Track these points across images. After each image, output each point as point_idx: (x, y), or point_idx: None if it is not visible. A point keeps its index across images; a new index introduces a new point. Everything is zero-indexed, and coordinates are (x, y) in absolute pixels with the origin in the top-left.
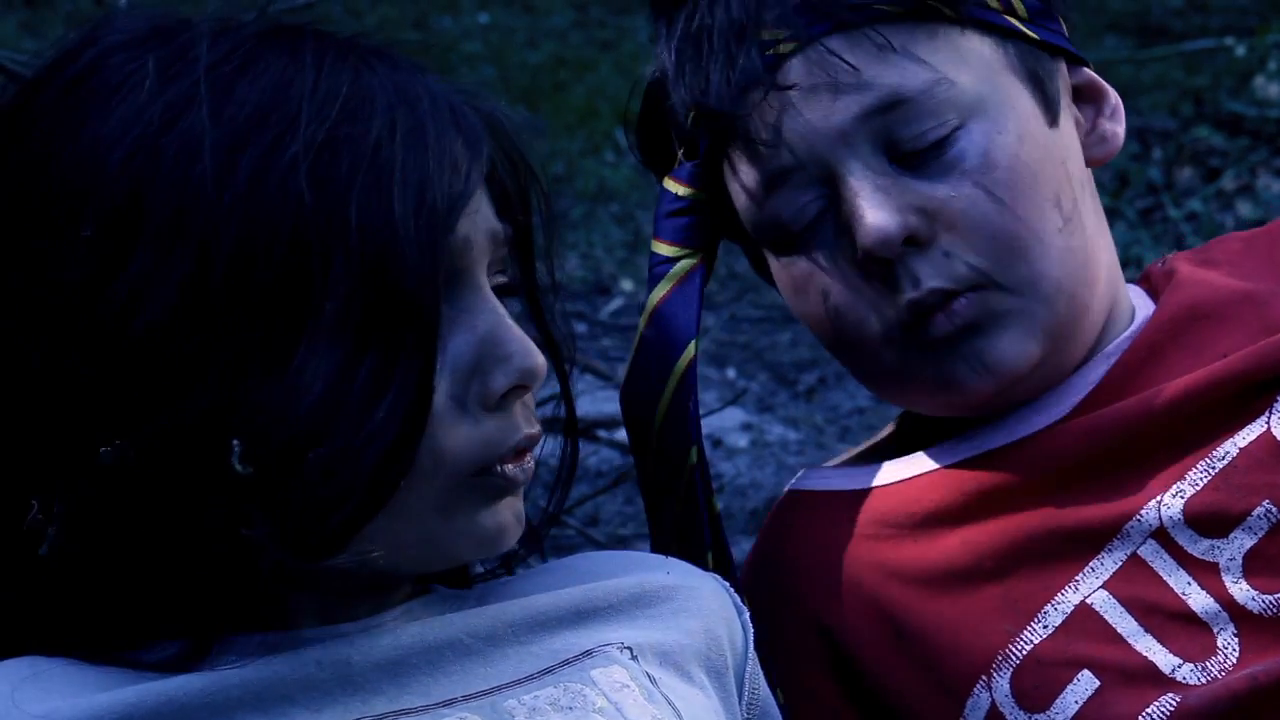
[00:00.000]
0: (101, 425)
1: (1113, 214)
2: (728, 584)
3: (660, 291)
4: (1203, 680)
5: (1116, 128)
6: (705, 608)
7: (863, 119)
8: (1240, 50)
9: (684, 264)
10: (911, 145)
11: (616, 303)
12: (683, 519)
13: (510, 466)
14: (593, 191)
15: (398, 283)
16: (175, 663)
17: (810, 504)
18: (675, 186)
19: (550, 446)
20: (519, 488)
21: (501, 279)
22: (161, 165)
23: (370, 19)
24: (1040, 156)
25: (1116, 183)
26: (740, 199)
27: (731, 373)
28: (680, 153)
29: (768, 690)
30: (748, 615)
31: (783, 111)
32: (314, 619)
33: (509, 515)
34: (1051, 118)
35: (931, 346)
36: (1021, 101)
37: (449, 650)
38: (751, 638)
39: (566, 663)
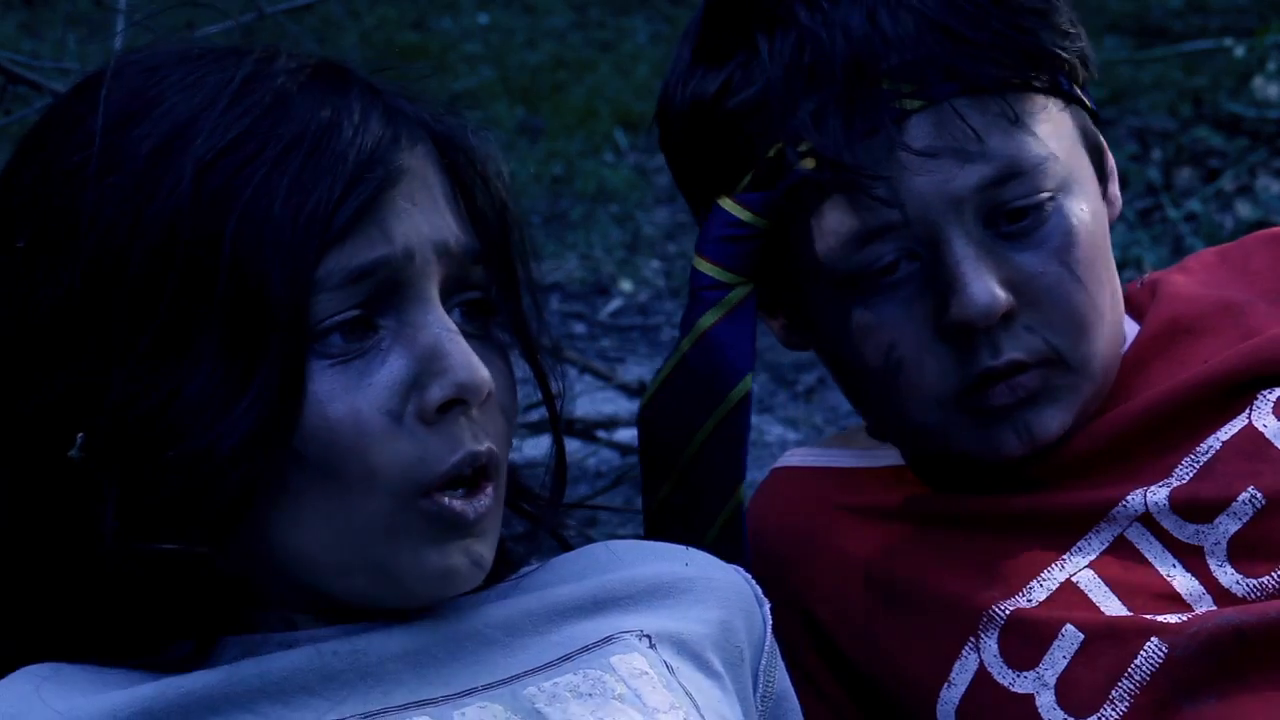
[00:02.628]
0: None
1: None
2: (749, 576)
3: (712, 317)
4: (1184, 619)
5: (1116, 189)
6: (724, 599)
7: (980, 189)
8: (1239, 51)
9: (738, 292)
10: (1011, 215)
11: (616, 303)
12: (722, 542)
13: (457, 501)
14: (592, 192)
15: (262, 287)
16: (185, 662)
17: (798, 478)
18: (739, 211)
19: (547, 451)
20: (473, 529)
21: (473, 295)
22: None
23: (370, 19)
24: (1102, 232)
25: None
26: (826, 241)
27: None
28: (748, 178)
29: (786, 683)
30: (769, 608)
31: (902, 170)
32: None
33: (460, 558)
34: (1104, 189)
35: (984, 413)
36: (1090, 176)
37: (468, 641)
38: (770, 629)
39: (586, 649)
